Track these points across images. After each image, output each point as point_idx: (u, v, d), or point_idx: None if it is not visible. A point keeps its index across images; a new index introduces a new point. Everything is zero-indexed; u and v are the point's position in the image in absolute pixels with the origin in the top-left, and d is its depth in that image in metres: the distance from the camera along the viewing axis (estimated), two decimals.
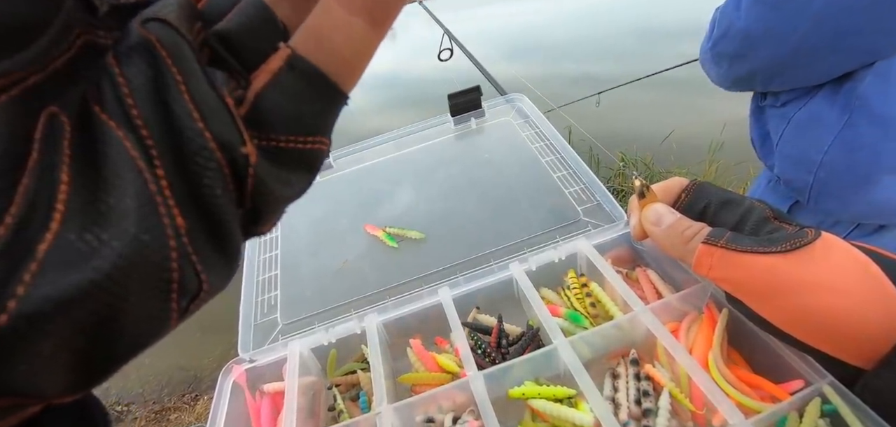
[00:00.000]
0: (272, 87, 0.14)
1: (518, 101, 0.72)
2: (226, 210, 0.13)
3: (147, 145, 0.11)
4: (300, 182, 0.15)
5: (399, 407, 0.42)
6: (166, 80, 0.12)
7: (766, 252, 0.35)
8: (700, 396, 0.41)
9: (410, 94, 4.72)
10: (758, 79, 0.66)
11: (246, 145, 0.13)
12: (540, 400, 0.42)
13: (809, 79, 0.60)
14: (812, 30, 0.55)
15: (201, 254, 0.12)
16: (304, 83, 0.14)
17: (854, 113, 0.56)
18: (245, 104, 0.14)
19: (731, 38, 0.64)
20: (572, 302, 0.50)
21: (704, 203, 0.41)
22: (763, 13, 0.59)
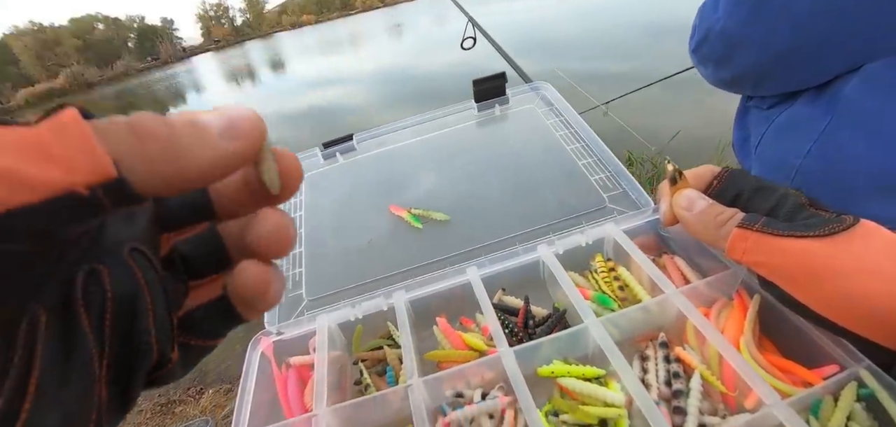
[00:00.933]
0: (203, 308, 0.19)
1: (543, 89, 0.72)
2: (140, 387, 0.17)
3: (105, 349, 0.15)
4: (194, 363, 0.20)
5: (429, 381, 0.42)
6: (141, 305, 0.16)
7: (804, 236, 0.35)
8: (731, 379, 0.41)
9: (427, 89, 4.71)
10: (746, 83, 0.62)
11: (173, 352, 0.18)
12: (570, 378, 0.42)
13: (795, 84, 0.57)
14: (794, 35, 0.51)
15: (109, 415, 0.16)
16: (224, 311, 0.19)
17: (835, 117, 0.52)
18: (182, 310, 0.19)
19: (712, 41, 0.60)
20: (600, 285, 0.50)
21: (737, 190, 0.41)
22: (741, 17, 0.55)
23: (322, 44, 19.23)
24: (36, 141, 0.13)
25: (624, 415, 0.39)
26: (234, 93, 12.65)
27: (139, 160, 0.14)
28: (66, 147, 0.13)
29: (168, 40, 54.10)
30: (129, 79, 31.52)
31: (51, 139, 0.13)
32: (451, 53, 7.55)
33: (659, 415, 0.36)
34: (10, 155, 0.12)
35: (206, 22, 61.86)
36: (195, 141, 0.15)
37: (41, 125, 0.13)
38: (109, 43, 51.41)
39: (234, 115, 0.17)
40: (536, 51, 3.07)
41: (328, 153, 0.72)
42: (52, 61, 44.92)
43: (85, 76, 38.88)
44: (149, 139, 0.15)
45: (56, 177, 0.13)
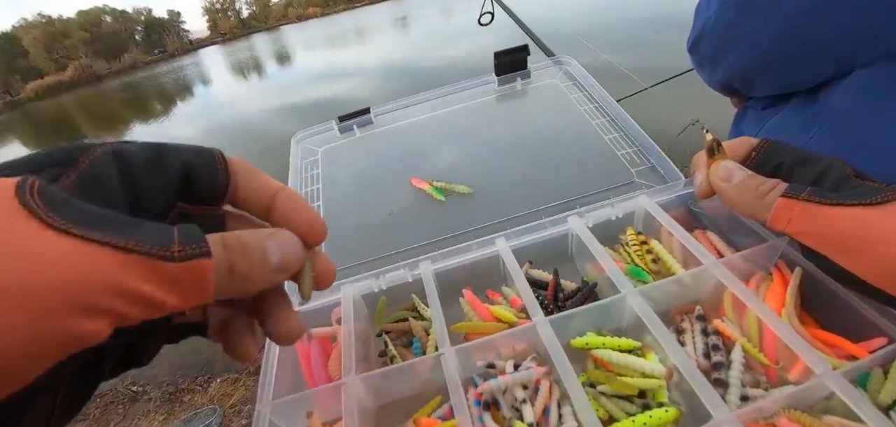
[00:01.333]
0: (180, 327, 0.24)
1: (566, 63, 0.70)
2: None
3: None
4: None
5: (460, 350, 0.41)
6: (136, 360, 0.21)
7: (855, 204, 0.33)
8: (773, 351, 0.39)
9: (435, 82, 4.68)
10: (736, 83, 0.60)
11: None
12: (605, 350, 0.41)
13: (783, 86, 0.55)
14: (781, 35, 0.49)
15: None
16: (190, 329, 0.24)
17: (820, 126, 0.50)
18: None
19: (705, 39, 0.58)
20: (632, 258, 0.49)
21: (777, 161, 0.40)
22: (731, 16, 0.53)
23: (328, 36, 19.20)
24: (176, 276, 0.17)
25: (663, 385, 0.38)
26: (241, 85, 12.65)
27: (222, 290, 0.18)
28: (193, 285, 0.17)
29: (174, 33, 54.26)
30: (136, 71, 31.64)
31: (185, 277, 0.17)
32: (458, 46, 7.51)
33: (705, 384, 0.35)
34: (160, 286, 0.16)
35: (212, 15, 61.96)
36: (260, 273, 0.20)
37: (185, 266, 0.17)
38: (117, 36, 51.61)
39: (286, 251, 0.21)
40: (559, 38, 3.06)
41: (345, 126, 0.71)
42: (61, 54, 45.16)
43: (93, 69, 39.08)
44: (237, 277, 0.19)
45: (177, 303, 0.17)
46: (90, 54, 44.80)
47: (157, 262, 0.16)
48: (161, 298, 0.16)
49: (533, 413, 0.38)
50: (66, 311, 0.14)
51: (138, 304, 0.16)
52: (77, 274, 0.15)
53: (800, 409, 0.35)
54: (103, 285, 0.15)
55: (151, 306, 0.16)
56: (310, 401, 0.41)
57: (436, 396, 0.43)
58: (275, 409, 0.40)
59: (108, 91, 21.60)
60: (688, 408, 0.38)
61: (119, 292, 0.15)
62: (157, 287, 0.16)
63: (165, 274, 0.16)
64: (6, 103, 31.42)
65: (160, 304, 0.16)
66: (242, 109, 8.84)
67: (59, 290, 0.14)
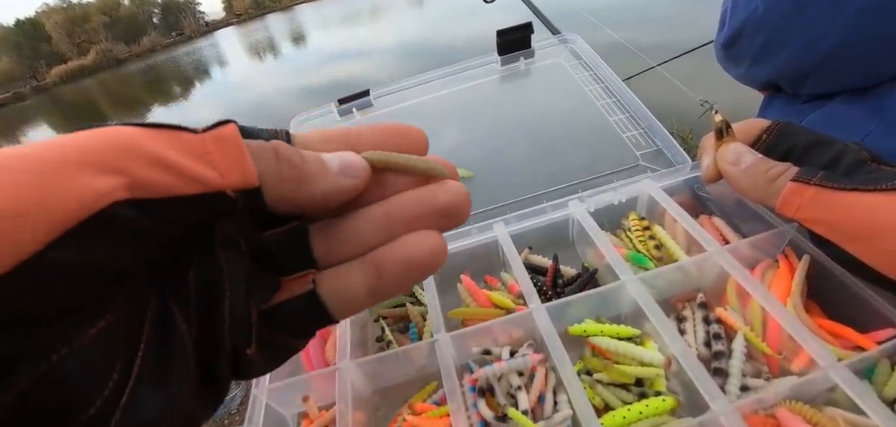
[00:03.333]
0: (288, 304, 0.19)
1: (571, 41, 0.68)
2: (225, 378, 0.17)
3: (194, 337, 0.16)
4: (277, 361, 0.20)
5: (455, 336, 0.41)
6: (221, 294, 0.16)
7: (870, 190, 0.32)
8: (776, 341, 0.38)
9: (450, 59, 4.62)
10: (783, 82, 0.55)
11: (251, 347, 0.17)
12: (603, 337, 0.40)
13: (839, 85, 0.50)
14: (851, 30, 0.45)
15: (198, 400, 0.17)
16: (311, 309, 0.19)
17: (879, 123, 0.46)
18: (267, 303, 0.18)
19: (749, 35, 0.53)
20: (635, 244, 0.48)
21: (790, 144, 0.38)
22: (782, 7, 0.48)
23: (343, 15, 19.08)
24: (201, 146, 0.15)
25: (661, 374, 0.37)
26: (256, 67, 12.72)
27: (275, 178, 0.17)
28: (223, 155, 0.15)
29: (191, 15, 54.59)
30: (155, 54, 32.00)
31: (213, 147, 0.15)
32: (474, 24, 7.39)
33: (704, 374, 0.34)
34: (184, 154, 0.15)
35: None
36: (319, 170, 0.18)
37: (206, 134, 0.16)
38: (135, 19, 52.14)
39: (348, 158, 0.19)
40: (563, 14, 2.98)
41: (344, 109, 0.70)
42: (82, 38, 45.91)
43: (114, 52, 39.67)
44: (285, 162, 0.17)
45: (213, 178, 0.15)
46: (110, 38, 45.43)
47: (178, 133, 0.15)
48: (187, 166, 0.15)
49: (528, 400, 0.38)
50: (70, 167, 0.13)
51: (159, 168, 0.14)
52: (85, 137, 0.13)
53: (802, 400, 0.34)
54: (116, 144, 0.14)
55: (177, 173, 0.14)
56: (306, 385, 0.42)
57: (431, 382, 0.43)
58: (271, 393, 0.41)
59: (129, 75, 21.96)
60: (686, 397, 0.37)
61: (135, 152, 0.14)
62: (180, 154, 0.15)
63: (189, 144, 0.15)
64: (33, 88, 32.19)
65: (188, 173, 0.14)
66: (259, 91, 8.90)
67: (63, 147, 0.13)
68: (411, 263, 0.18)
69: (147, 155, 0.14)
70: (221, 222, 0.17)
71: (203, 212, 0.15)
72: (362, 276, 0.19)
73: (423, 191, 0.19)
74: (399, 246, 0.18)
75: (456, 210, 0.19)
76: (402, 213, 0.19)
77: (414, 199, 0.19)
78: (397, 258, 0.18)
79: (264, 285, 0.19)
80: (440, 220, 0.19)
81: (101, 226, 0.13)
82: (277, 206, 0.17)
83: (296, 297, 0.19)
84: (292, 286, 0.19)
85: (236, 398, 2.05)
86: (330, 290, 0.19)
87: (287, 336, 0.19)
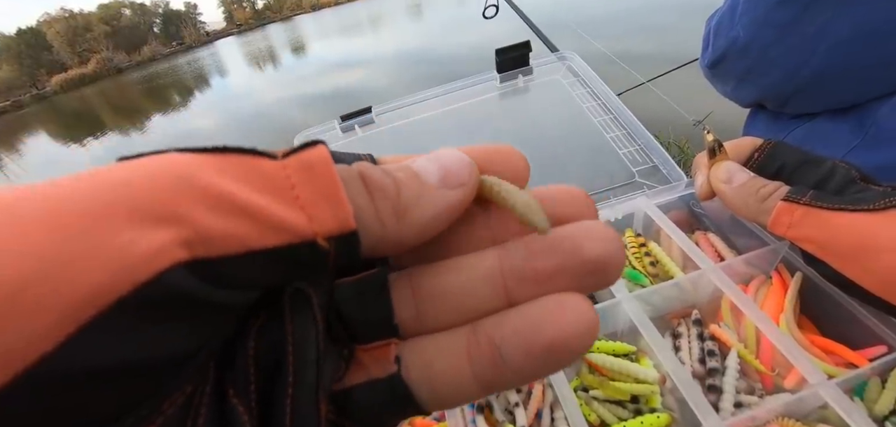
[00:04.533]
0: (366, 390, 0.14)
1: (569, 59, 0.69)
2: None
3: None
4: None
5: None
6: (282, 381, 0.12)
7: (857, 209, 0.32)
8: (769, 358, 0.39)
9: (449, 69, 4.60)
10: (767, 103, 0.57)
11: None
12: (599, 354, 0.41)
13: (824, 105, 0.52)
14: (831, 60, 0.46)
15: None
16: (394, 400, 0.14)
17: (862, 140, 0.47)
18: (339, 384, 0.14)
19: (732, 60, 0.54)
20: (630, 261, 0.48)
21: (780, 163, 0.39)
22: (768, 38, 0.49)
23: (342, 26, 19.22)
24: (284, 179, 0.11)
25: (656, 391, 0.38)
26: (256, 76, 12.78)
27: (372, 217, 0.12)
28: (313, 191, 0.11)
29: (191, 24, 54.93)
30: (155, 63, 32.17)
31: (298, 180, 0.11)
32: (473, 34, 7.45)
33: (697, 391, 0.34)
34: (260, 190, 0.11)
35: (227, 5, 62.41)
36: (416, 193, 0.13)
37: (288, 161, 0.12)
38: (136, 28, 52.45)
39: (447, 161, 0.14)
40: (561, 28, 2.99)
41: (346, 126, 0.72)
42: (84, 47, 46.12)
43: (114, 61, 39.87)
44: (378, 194, 0.13)
45: (300, 223, 0.11)
46: (111, 47, 45.65)
47: (252, 159, 0.11)
48: (265, 206, 0.10)
49: (526, 416, 0.38)
50: (106, 219, 0.09)
51: (227, 212, 0.10)
52: (122, 172, 0.10)
53: (794, 417, 0.35)
54: (168, 181, 0.10)
55: (251, 217, 0.10)
56: None
57: None
58: None
59: (129, 83, 22.02)
60: (681, 414, 0.38)
61: (195, 191, 0.10)
62: (255, 190, 0.11)
63: (268, 175, 0.11)
64: (33, 97, 32.28)
65: (266, 217, 0.10)
66: (258, 99, 8.93)
67: (94, 187, 0.09)
68: (550, 345, 0.12)
69: (211, 195, 0.10)
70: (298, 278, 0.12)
71: (284, 270, 0.11)
72: (470, 356, 0.13)
73: (559, 235, 0.13)
74: (529, 316, 0.13)
75: (607, 266, 0.13)
76: (529, 264, 0.13)
77: (546, 247, 0.13)
78: (527, 335, 0.13)
79: (335, 360, 0.14)
80: (584, 280, 0.13)
81: (152, 303, 0.09)
82: (371, 251, 0.13)
83: (374, 381, 0.14)
84: (369, 362, 0.14)
85: None
86: (422, 375, 0.14)
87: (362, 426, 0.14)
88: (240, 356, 0.12)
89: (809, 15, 0.46)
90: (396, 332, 0.14)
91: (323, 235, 0.11)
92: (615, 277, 0.13)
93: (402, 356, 0.14)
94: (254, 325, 0.12)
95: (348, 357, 0.14)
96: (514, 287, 0.13)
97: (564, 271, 0.13)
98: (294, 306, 0.12)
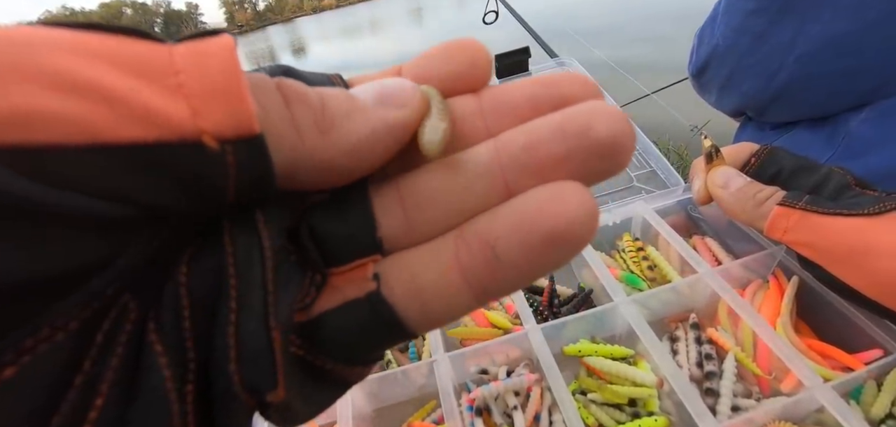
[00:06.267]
0: (341, 314, 0.12)
1: (568, 64, 0.70)
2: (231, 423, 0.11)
3: (184, 379, 0.10)
4: (325, 400, 0.13)
5: (453, 356, 0.42)
6: (222, 308, 0.10)
7: (853, 214, 0.33)
8: (766, 362, 0.39)
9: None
10: (748, 110, 0.58)
11: (277, 390, 0.11)
12: (598, 357, 0.41)
13: (797, 115, 0.53)
14: (803, 69, 0.47)
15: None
16: (377, 323, 0.12)
17: (836, 149, 0.48)
18: (307, 312, 0.12)
19: (714, 67, 0.55)
20: (628, 265, 0.49)
21: (776, 168, 0.39)
22: (743, 47, 0.51)
23: (343, 28, 19.28)
24: (166, 64, 0.09)
25: (654, 395, 0.38)
26: None
27: (286, 126, 0.10)
28: (203, 82, 0.09)
29: (193, 25, 55.03)
30: None
31: (185, 66, 0.09)
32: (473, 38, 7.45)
33: (694, 394, 0.35)
34: (132, 75, 0.09)
35: (229, 7, 62.54)
36: (346, 109, 0.11)
37: (178, 47, 0.09)
38: (137, 28, 52.60)
39: (386, 83, 0.12)
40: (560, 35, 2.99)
41: None
42: None
43: None
44: (298, 103, 0.11)
45: (179, 115, 0.09)
46: None
47: (133, 41, 0.09)
48: (128, 90, 0.08)
49: (524, 419, 0.39)
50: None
51: (68, 91, 0.08)
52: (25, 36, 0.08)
53: (791, 421, 0.35)
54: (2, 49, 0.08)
55: (105, 101, 0.08)
56: None
57: (430, 401, 0.44)
58: None
59: None
60: (678, 417, 0.38)
61: (30, 66, 0.08)
62: (122, 72, 0.09)
63: (143, 56, 0.09)
64: None
65: (126, 100, 0.08)
66: None
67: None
68: (549, 235, 0.11)
69: (49, 71, 0.08)
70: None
71: (161, 177, 0.09)
72: (459, 261, 0.12)
73: (566, 116, 0.12)
74: (523, 208, 0.11)
75: (617, 147, 0.11)
76: (532, 153, 0.12)
77: (552, 130, 0.12)
78: (523, 228, 0.11)
79: (298, 284, 0.12)
80: (593, 165, 0.12)
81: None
82: (290, 171, 0.11)
83: (350, 303, 0.12)
84: (343, 284, 0.12)
85: None
86: (407, 290, 0.12)
87: (337, 362, 0.12)
88: (168, 288, 0.10)
89: (780, 24, 0.47)
90: (379, 248, 0.12)
91: (213, 134, 0.09)
92: (626, 161, 0.12)
93: (383, 272, 0.12)
94: (186, 253, 0.10)
95: (320, 283, 0.12)
96: (516, 180, 0.12)
97: (571, 157, 0.11)
98: (237, 225, 0.11)
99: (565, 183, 0.11)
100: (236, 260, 0.10)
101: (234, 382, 0.10)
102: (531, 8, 1.44)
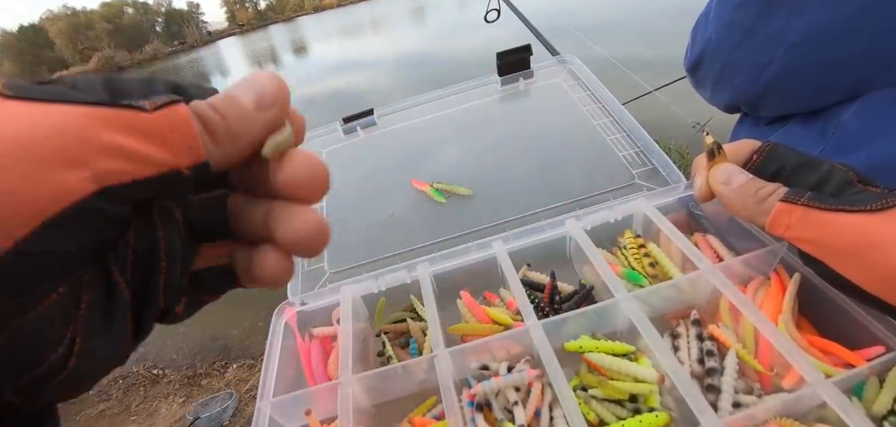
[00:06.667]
0: (211, 272, 0.21)
1: (570, 62, 0.70)
2: (151, 325, 0.19)
3: (131, 298, 0.18)
4: (197, 309, 0.22)
5: (454, 352, 0.41)
6: (156, 266, 0.18)
7: (854, 210, 0.33)
8: (767, 358, 0.39)
9: (451, 72, 4.60)
10: (741, 105, 0.58)
11: (180, 306, 0.20)
12: (599, 353, 0.41)
13: (789, 109, 0.53)
14: (791, 61, 0.47)
15: (130, 347, 0.19)
16: (227, 277, 0.21)
17: (828, 143, 0.48)
18: (189, 270, 0.20)
19: (707, 63, 0.56)
20: (630, 261, 0.49)
21: (778, 165, 0.39)
22: (734, 40, 0.51)
23: (344, 28, 19.28)
24: (157, 128, 0.16)
25: (655, 391, 0.38)
26: None
27: (216, 151, 0.18)
28: (178, 138, 0.17)
29: (194, 24, 55.03)
30: (157, 62, 32.30)
31: (167, 128, 0.16)
32: (474, 37, 7.46)
33: (695, 390, 0.35)
34: (141, 138, 0.16)
35: (230, 6, 62.53)
36: (240, 118, 0.18)
37: (160, 114, 0.16)
38: (138, 27, 52.57)
39: (259, 84, 0.19)
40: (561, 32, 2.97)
41: (348, 128, 0.72)
42: (85, 45, 46.23)
43: (116, 59, 39.95)
44: (214, 131, 0.18)
45: (170, 160, 0.16)
46: (113, 45, 45.73)
47: (130, 113, 0.16)
48: (145, 151, 0.16)
49: (524, 415, 0.39)
50: (42, 165, 0.14)
51: (119, 157, 0.15)
52: (45, 120, 0.14)
53: (792, 417, 0.35)
54: (77, 138, 0.15)
55: (136, 160, 0.16)
56: (309, 399, 0.42)
57: (431, 396, 0.44)
58: (275, 407, 0.41)
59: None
60: (679, 413, 0.38)
61: (95, 144, 0.15)
62: (137, 140, 0.16)
63: (143, 125, 0.16)
64: None
65: (146, 158, 0.16)
66: None
67: (30, 145, 0.14)
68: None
69: (107, 146, 0.15)
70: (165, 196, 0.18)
71: (161, 190, 0.17)
72: (285, 266, 0.20)
73: None
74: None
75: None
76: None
77: None
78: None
79: (189, 254, 0.20)
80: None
81: (74, 216, 0.15)
82: (220, 168, 0.18)
83: (215, 268, 0.21)
84: (211, 256, 0.21)
85: (228, 409, 2.05)
86: (252, 276, 0.21)
87: (206, 295, 0.22)
88: (121, 247, 0.17)
89: (769, 17, 0.47)
90: (229, 232, 0.21)
91: (186, 166, 0.17)
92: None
93: (236, 255, 0.21)
94: (133, 228, 0.17)
95: (195, 252, 0.20)
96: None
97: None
98: (162, 215, 0.18)
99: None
100: (166, 236, 0.18)
101: (161, 300, 0.18)
102: (533, 5, 1.44)
